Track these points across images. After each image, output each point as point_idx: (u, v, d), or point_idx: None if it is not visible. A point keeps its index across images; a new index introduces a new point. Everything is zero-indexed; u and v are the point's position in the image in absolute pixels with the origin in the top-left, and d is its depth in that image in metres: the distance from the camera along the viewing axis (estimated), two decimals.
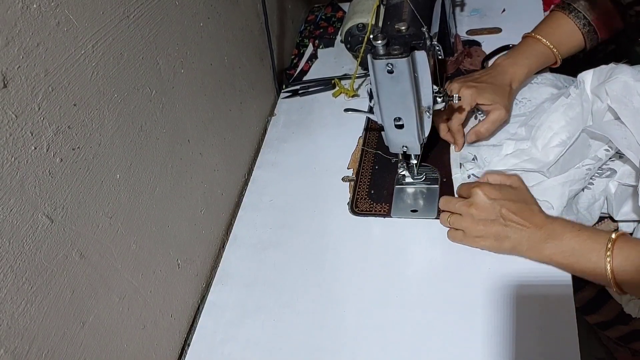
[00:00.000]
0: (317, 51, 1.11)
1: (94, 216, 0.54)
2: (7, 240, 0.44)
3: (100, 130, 0.55)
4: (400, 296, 0.65)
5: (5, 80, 0.43)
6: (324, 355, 0.63)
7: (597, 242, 0.56)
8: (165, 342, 0.67)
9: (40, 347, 0.48)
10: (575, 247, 0.57)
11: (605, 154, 0.66)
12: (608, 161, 0.67)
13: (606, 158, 0.67)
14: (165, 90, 0.66)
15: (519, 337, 0.57)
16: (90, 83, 0.53)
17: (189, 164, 0.72)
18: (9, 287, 0.44)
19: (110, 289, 0.57)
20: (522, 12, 0.99)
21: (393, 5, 0.68)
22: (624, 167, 0.66)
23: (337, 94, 0.98)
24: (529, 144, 0.71)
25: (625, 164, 0.66)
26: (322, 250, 0.74)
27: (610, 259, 0.54)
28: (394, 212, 0.74)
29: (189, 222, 0.73)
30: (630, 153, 0.60)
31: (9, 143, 0.44)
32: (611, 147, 0.66)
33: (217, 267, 0.77)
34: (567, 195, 0.66)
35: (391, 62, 0.59)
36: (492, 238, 0.63)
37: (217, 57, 0.80)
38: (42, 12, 0.47)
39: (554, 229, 0.60)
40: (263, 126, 0.98)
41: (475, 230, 0.64)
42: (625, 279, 0.54)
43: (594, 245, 0.56)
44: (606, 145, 0.66)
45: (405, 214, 0.74)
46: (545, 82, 0.79)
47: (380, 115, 0.67)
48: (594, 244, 0.56)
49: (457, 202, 0.67)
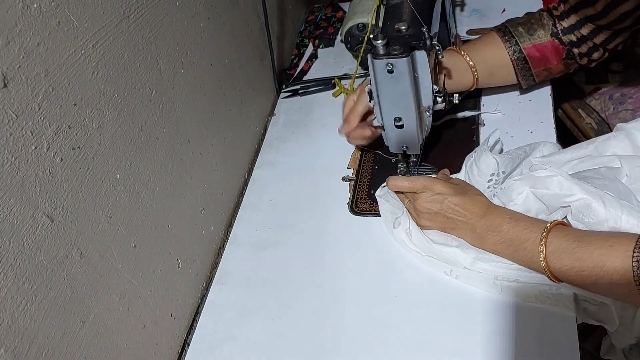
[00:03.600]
0: (317, 51, 1.11)
1: (94, 216, 0.54)
2: (7, 239, 0.44)
3: (101, 130, 0.55)
4: (399, 296, 0.65)
5: (6, 80, 0.43)
6: (324, 354, 0.63)
7: (533, 231, 0.56)
8: (165, 341, 0.67)
9: (40, 346, 0.48)
10: (513, 237, 0.58)
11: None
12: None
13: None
14: (165, 90, 0.66)
15: (518, 337, 0.57)
16: (91, 83, 0.53)
17: (189, 163, 0.72)
18: (9, 286, 0.45)
19: (110, 289, 0.57)
20: (522, 12, 0.99)
21: (393, 5, 0.68)
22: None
23: (337, 94, 0.98)
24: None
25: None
26: (321, 249, 0.74)
27: (543, 248, 0.54)
28: None
29: (189, 222, 0.73)
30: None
31: (9, 143, 0.44)
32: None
33: (217, 266, 0.78)
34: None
35: (391, 62, 0.59)
36: (439, 228, 0.65)
37: (217, 57, 0.80)
38: (43, 12, 0.47)
39: (494, 219, 0.60)
40: (263, 126, 0.98)
41: (422, 221, 0.66)
42: (558, 268, 0.54)
43: (529, 235, 0.56)
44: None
45: None
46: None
47: (380, 115, 0.67)
48: (529, 234, 0.56)
49: (404, 198, 0.69)
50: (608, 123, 1.07)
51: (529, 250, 0.56)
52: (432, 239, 0.65)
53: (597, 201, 0.56)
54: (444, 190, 0.63)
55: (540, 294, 0.58)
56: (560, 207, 0.60)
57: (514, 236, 0.58)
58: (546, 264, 0.55)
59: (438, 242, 0.64)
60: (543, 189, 0.60)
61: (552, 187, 0.60)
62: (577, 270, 0.52)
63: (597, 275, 0.50)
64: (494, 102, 0.83)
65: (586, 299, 0.57)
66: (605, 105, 1.08)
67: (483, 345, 0.58)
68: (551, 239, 0.55)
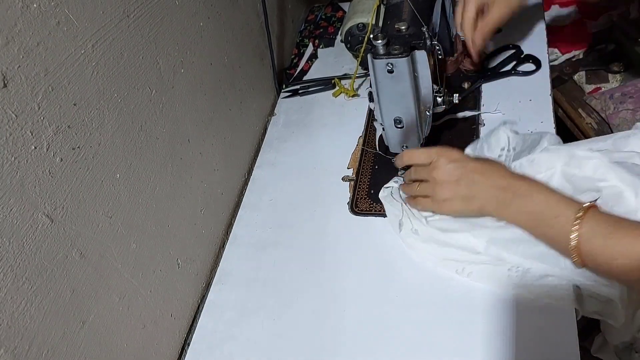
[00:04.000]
0: (317, 51, 1.11)
1: (94, 216, 0.54)
2: (7, 239, 0.44)
3: (100, 129, 0.55)
4: (399, 296, 0.65)
5: (5, 79, 0.43)
6: (324, 354, 0.63)
7: (567, 207, 0.53)
8: (165, 341, 0.67)
9: (40, 346, 0.48)
10: (542, 210, 0.54)
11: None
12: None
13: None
14: (165, 90, 0.66)
15: (519, 337, 0.57)
16: (90, 82, 0.53)
17: (189, 163, 0.72)
18: (9, 286, 0.45)
19: (110, 289, 0.57)
20: (522, 12, 0.99)
21: (393, 5, 0.68)
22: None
23: (337, 94, 0.98)
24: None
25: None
26: (322, 249, 0.74)
27: (578, 228, 0.51)
28: None
29: (189, 222, 0.73)
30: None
31: (9, 142, 0.44)
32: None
33: (217, 266, 0.77)
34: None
35: (391, 62, 0.59)
36: (459, 199, 0.61)
37: (217, 56, 0.80)
38: (42, 12, 0.47)
39: (521, 186, 0.56)
40: (263, 126, 0.98)
41: (441, 193, 0.61)
42: (589, 250, 0.51)
43: (562, 211, 0.53)
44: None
45: None
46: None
47: (380, 115, 0.67)
48: (563, 210, 0.53)
49: (422, 170, 0.64)
50: (608, 123, 1.07)
51: (559, 227, 0.53)
52: (441, 227, 0.63)
53: (629, 190, 0.54)
54: (463, 157, 0.60)
55: (550, 290, 0.57)
56: (589, 190, 0.57)
57: (544, 208, 0.54)
58: (577, 245, 0.51)
59: (449, 229, 0.62)
60: (575, 168, 0.58)
61: (586, 169, 0.57)
62: (608, 256, 0.50)
63: (631, 265, 0.48)
64: (494, 102, 0.83)
65: (592, 295, 0.56)
66: (605, 105, 1.08)
67: (483, 345, 0.58)
68: (587, 220, 0.51)
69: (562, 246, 0.53)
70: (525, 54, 0.88)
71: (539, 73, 0.85)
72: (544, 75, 0.85)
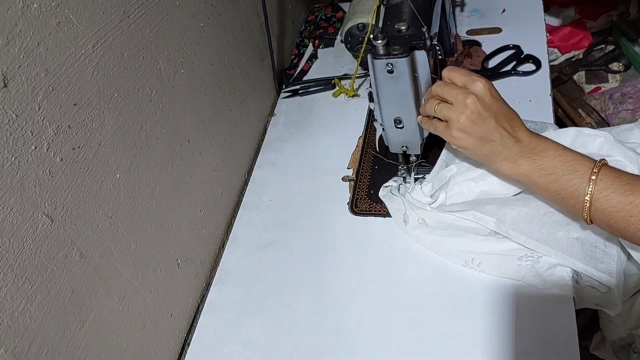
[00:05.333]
0: (317, 51, 1.11)
1: (94, 216, 0.54)
2: (7, 239, 0.44)
3: (101, 130, 0.55)
4: (400, 296, 0.65)
5: (6, 79, 0.43)
6: (324, 354, 0.63)
7: (582, 164, 0.53)
8: (165, 341, 0.67)
9: (40, 346, 0.48)
10: (556, 165, 0.54)
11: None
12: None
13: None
14: (165, 90, 0.66)
15: (519, 337, 0.58)
16: (91, 83, 0.53)
17: (189, 163, 0.72)
18: (9, 286, 0.45)
19: (110, 289, 0.57)
20: (522, 12, 0.99)
21: (393, 5, 0.68)
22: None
23: (337, 94, 0.98)
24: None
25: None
26: (321, 250, 0.74)
27: (593, 184, 0.51)
28: None
29: (189, 222, 0.73)
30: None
31: (9, 142, 0.44)
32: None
33: (217, 266, 0.78)
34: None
35: (391, 62, 0.59)
36: (475, 137, 0.57)
37: (217, 57, 0.80)
38: (43, 12, 0.47)
39: (537, 144, 0.56)
40: (263, 126, 0.98)
41: (463, 123, 0.56)
42: (602, 208, 0.51)
43: (577, 167, 0.53)
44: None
45: None
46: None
47: (380, 115, 0.67)
48: (578, 166, 0.53)
49: (454, 89, 0.58)
50: (608, 123, 1.07)
51: (573, 184, 0.52)
52: (449, 208, 0.63)
53: (632, 165, 0.54)
54: (501, 97, 0.57)
55: (559, 280, 0.57)
56: None
57: (558, 164, 0.54)
58: (590, 202, 0.51)
59: (455, 210, 0.62)
60: (581, 147, 0.58)
61: (591, 147, 0.58)
62: (624, 214, 0.49)
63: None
64: None
65: (592, 285, 0.57)
66: (605, 105, 1.08)
67: (483, 345, 0.58)
68: (602, 176, 0.51)
69: (575, 202, 0.52)
70: (525, 54, 0.89)
71: (538, 73, 0.86)
72: (544, 75, 0.85)
